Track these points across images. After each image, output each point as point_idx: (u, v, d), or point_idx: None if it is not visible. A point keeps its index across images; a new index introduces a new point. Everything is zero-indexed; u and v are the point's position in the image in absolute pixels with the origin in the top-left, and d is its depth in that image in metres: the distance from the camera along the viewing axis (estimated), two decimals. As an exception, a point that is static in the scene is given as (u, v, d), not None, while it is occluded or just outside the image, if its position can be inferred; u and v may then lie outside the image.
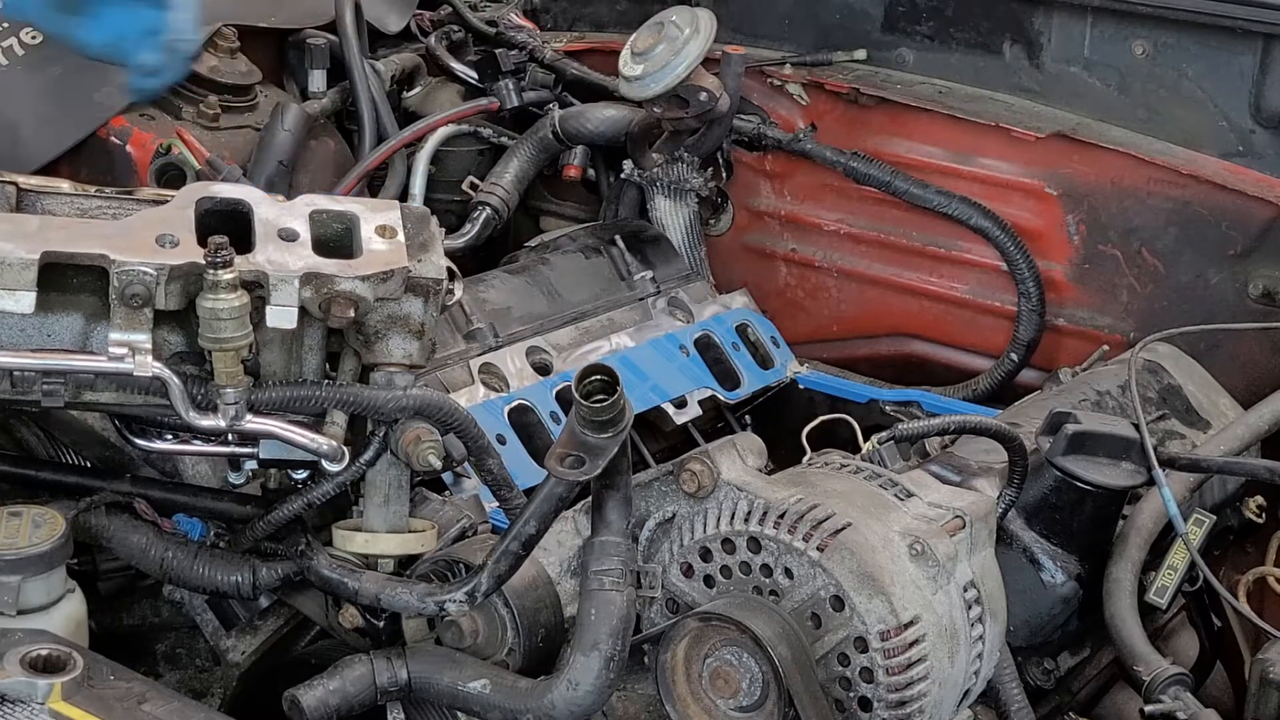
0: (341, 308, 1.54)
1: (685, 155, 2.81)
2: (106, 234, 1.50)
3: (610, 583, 1.51)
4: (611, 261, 2.74)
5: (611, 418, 1.45)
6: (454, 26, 3.04)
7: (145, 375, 1.49)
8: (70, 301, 1.51)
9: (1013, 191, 2.66)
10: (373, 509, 1.67)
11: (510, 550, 1.55)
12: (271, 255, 1.53)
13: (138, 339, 1.48)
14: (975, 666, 1.65)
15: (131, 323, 1.48)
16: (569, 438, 1.47)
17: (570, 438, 1.47)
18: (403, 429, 1.62)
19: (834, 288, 2.89)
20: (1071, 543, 1.91)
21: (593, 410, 1.43)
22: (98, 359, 1.49)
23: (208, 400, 1.53)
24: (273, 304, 1.51)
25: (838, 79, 2.78)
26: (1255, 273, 2.48)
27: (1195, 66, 2.54)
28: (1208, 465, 2.00)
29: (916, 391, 2.69)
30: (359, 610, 1.69)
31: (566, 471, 1.46)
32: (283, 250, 1.54)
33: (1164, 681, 1.74)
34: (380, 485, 1.67)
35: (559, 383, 2.46)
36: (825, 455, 1.82)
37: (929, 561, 1.57)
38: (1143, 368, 2.27)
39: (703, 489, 1.61)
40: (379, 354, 1.62)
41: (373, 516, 1.68)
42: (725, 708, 1.55)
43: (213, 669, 1.99)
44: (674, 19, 2.66)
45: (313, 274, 1.53)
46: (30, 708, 1.32)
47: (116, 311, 1.48)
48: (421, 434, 1.61)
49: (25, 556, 1.52)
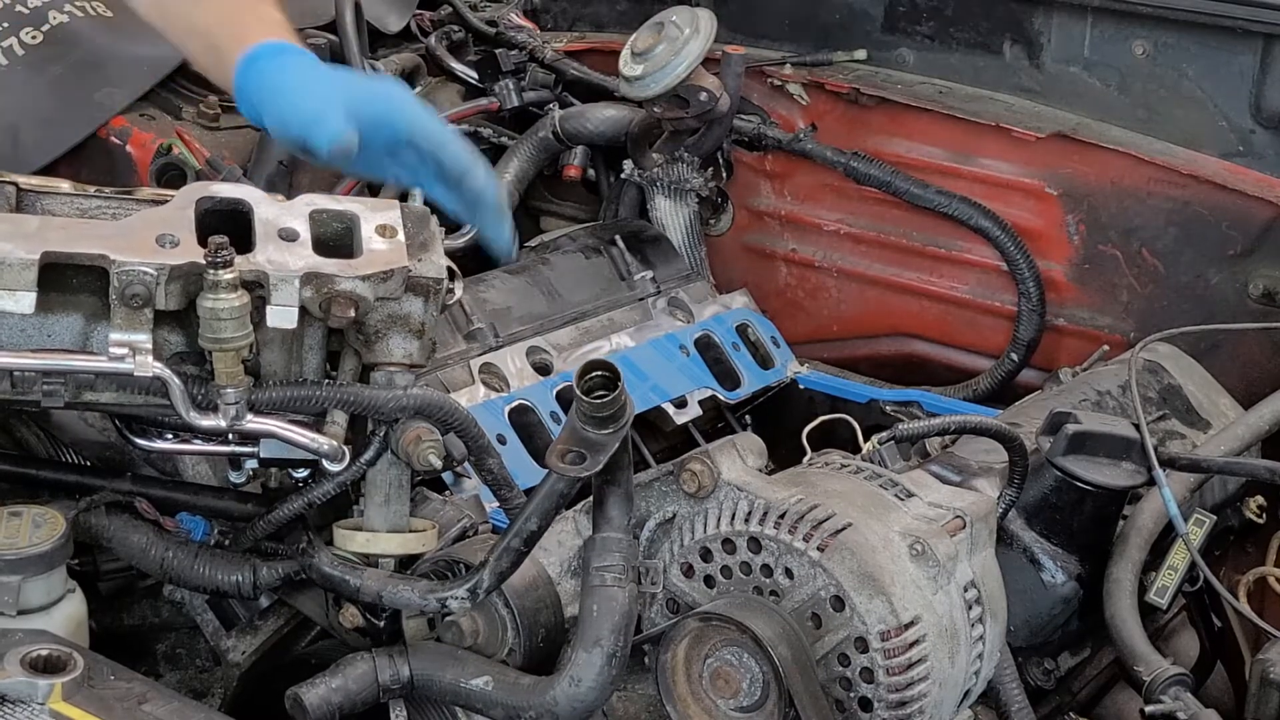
0: (342, 307, 1.54)
1: (685, 155, 2.81)
2: (106, 234, 1.50)
3: (612, 579, 1.51)
4: (612, 261, 2.74)
5: (613, 414, 1.45)
6: (454, 26, 3.04)
7: (146, 375, 1.49)
8: (70, 302, 1.51)
9: (1013, 191, 2.66)
10: (373, 508, 1.67)
11: (512, 547, 1.55)
12: (272, 255, 1.53)
13: (138, 339, 1.48)
14: (975, 667, 1.65)
15: (132, 323, 1.48)
16: (570, 434, 1.47)
17: (571, 434, 1.47)
18: (403, 429, 1.62)
19: (834, 288, 2.89)
20: (1072, 543, 1.91)
21: (594, 406, 1.43)
22: (98, 359, 1.49)
23: (208, 400, 1.53)
24: (273, 304, 1.51)
25: (838, 79, 2.78)
26: (1256, 273, 2.48)
27: (1195, 66, 2.54)
28: (1208, 465, 2.00)
29: (917, 391, 2.69)
30: (359, 609, 1.69)
31: (567, 468, 1.46)
32: (283, 250, 1.54)
33: (1164, 682, 1.74)
34: (381, 485, 1.67)
35: (559, 383, 2.46)
36: (825, 455, 1.82)
37: (929, 561, 1.57)
38: (1143, 368, 2.27)
39: (703, 489, 1.61)
40: (379, 354, 1.62)
41: (373, 516, 1.68)
42: (725, 708, 1.55)
43: (213, 669, 1.98)
44: (674, 19, 2.66)
45: (313, 274, 1.53)
46: (30, 708, 1.32)
47: (117, 312, 1.48)
48: (422, 433, 1.61)
49: (25, 556, 1.52)
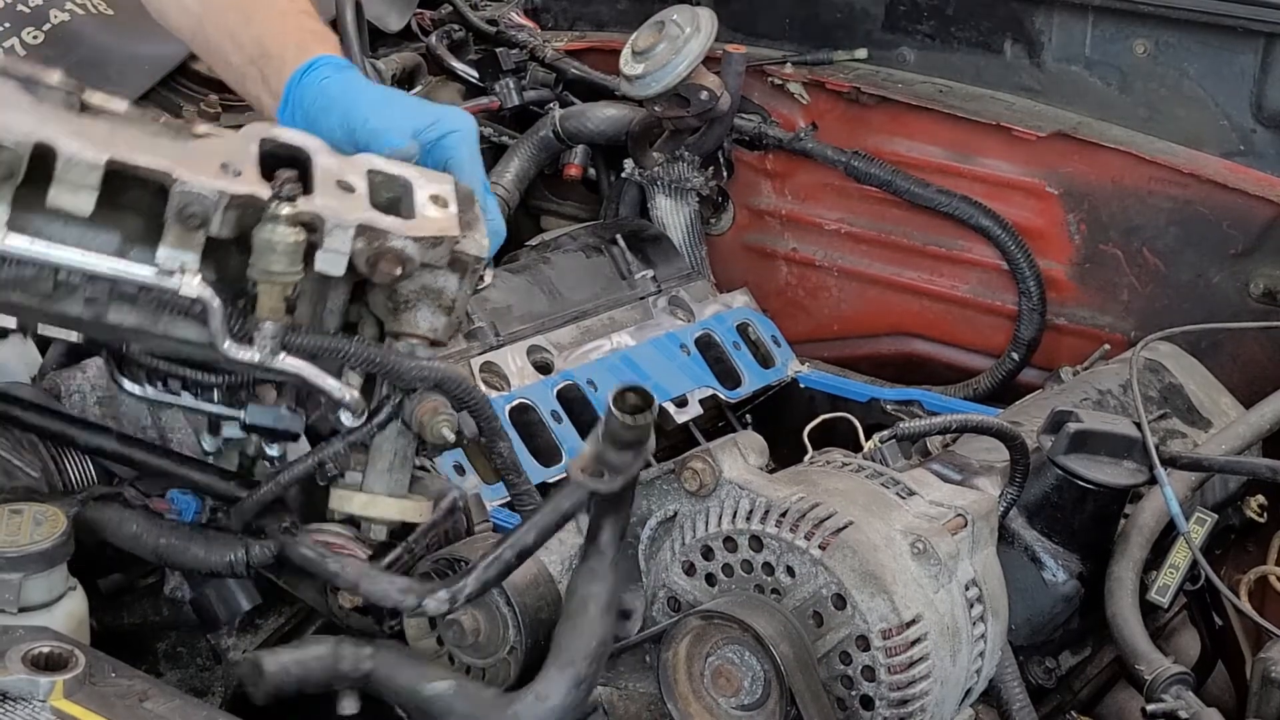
0: (390, 264, 1.53)
1: (686, 154, 2.81)
2: (172, 153, 1.48)
3: (595, 608, 1.52)
4: (612, 260, 2.74)
5: (639, 438, 1.47)
6: (454, 25, 3.04)
7: (190, 295, 1.46)
8: (114, 217, 1.48)
9: (1013, 190, 2.66)
10: (375, 474, 1.65)
11: (503, 558, 1.54)
12: (329, 202, 1.52)
13: (188, 259, 1.46)
14: (977, 665, 1.65)
15: (184, 242, 1.46)
16: (592, 453, 1.49)
17: (594, 454, 1.49)
18: (420, 400, 1.61)
19: (835, 287, 2.89)
20: (1073, 541, 1.91)
21: (624, 425, 1.44)
22: (148, 270, 1.46)
23: (245, 332, 1.52)
24: (325, 249, 1.50)
25: (839, 78, 2.78)
26: (1256, 272, 2.48)
27: (1196, 65, 2.54)
28: (1209, 464, 2.00)
29: (917, 391, 2.69)
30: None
31: (586, 479, 1.47)
32: (341, 199, 1.53)
33: (1166, 680, 1.73)
34: (386, 451, 1.65)
35: (560, 381, 2.46)
36: (827, 454, 1.81)
37: (931, 560, 1.57)
38: (1144, 367, 2.27)
39: (704, 487, 1.61)
40: (405, 323, 1.61)
41: (374, 481, 1.65)
42: (727, 706, 1.55)
43: (214, 668, 1.98)
44: (675, 18, 2.67)
45: (368, 227, 1.51)
46: (32, 705, 1.32)
47: (171, 229, 1.45)
48: (439, 406, 1.60)
49: (27, 554, 1.52)
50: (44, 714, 1.32)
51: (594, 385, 2.50)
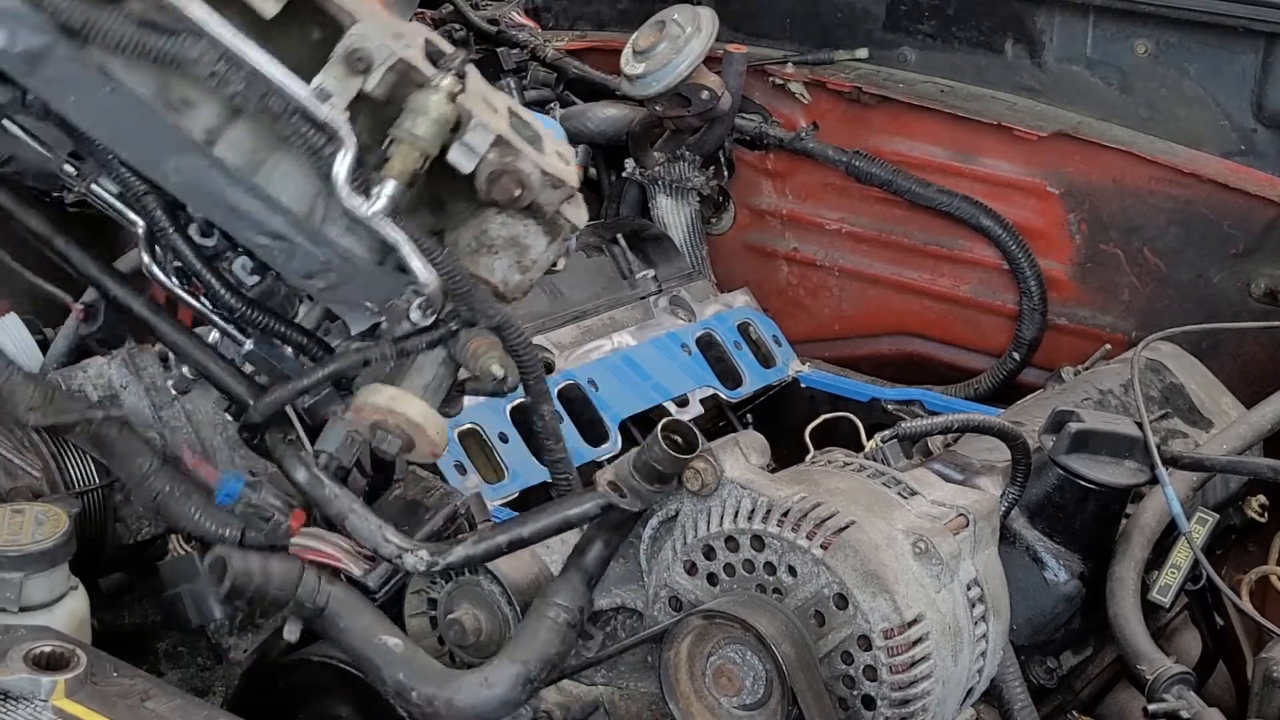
0: (510, 182, 1.53)
1: (687, 154, 2.81)
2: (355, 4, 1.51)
3: (562, 619, 1.53)
4: (613, 260, 2.74)
5: (672, 473, 1.51)
6: (456, 25, 3.04)
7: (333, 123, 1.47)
8: (284, 41, 1.50)
9: (1014, 190, 2.66)
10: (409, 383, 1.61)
11: (495, 541, 1.54)
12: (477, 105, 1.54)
13: (339, 94, 1.47)
14: (978, 665, 1.65)
15: (341, 80, 1.47)
16: (623, 474, 1.54)
17: (625, 474, 1.54)
18: (473, 334, 1.60)
19: (835, 287, 2.89)
20: (1074, 541, 1.91)
21: (665, 457, 1.50)
22: (301, 85, 1.47)
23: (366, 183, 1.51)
24: (462, 141, 1.51)
25: (839, 78, 2.79)
26: (1257, 272, 2.48)
27: (1197, 66, 2.54)
28: (1210, 464, 2.00)
29: (918, 390, 2.69)
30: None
31: (609, 492, 1.53)
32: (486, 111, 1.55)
33: (1167, 680, 1.73)
34: (427, 372, 1.61)
35: (561, 381, 2.46)
36: (828, 453, 1.81)
37: (932, 560, 1.57)
38: (1145, 366, 2.27)
39: (706, 487, 1.61)
40: (483, 267, 1.61)
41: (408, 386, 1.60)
42: (729, 705, 1.55)
43: (214, 667, 1.99)
44: (675, 17, 2.67)
45: (506, 140, 1.54)
46: (34, 704, 1.32)
47: (334, 65, 1.47)
48: (494, 345, 1.60)
49: (28, 553, 1.52)
50: (45, 713, 1.32)
51: (595, 385, 2.50)
